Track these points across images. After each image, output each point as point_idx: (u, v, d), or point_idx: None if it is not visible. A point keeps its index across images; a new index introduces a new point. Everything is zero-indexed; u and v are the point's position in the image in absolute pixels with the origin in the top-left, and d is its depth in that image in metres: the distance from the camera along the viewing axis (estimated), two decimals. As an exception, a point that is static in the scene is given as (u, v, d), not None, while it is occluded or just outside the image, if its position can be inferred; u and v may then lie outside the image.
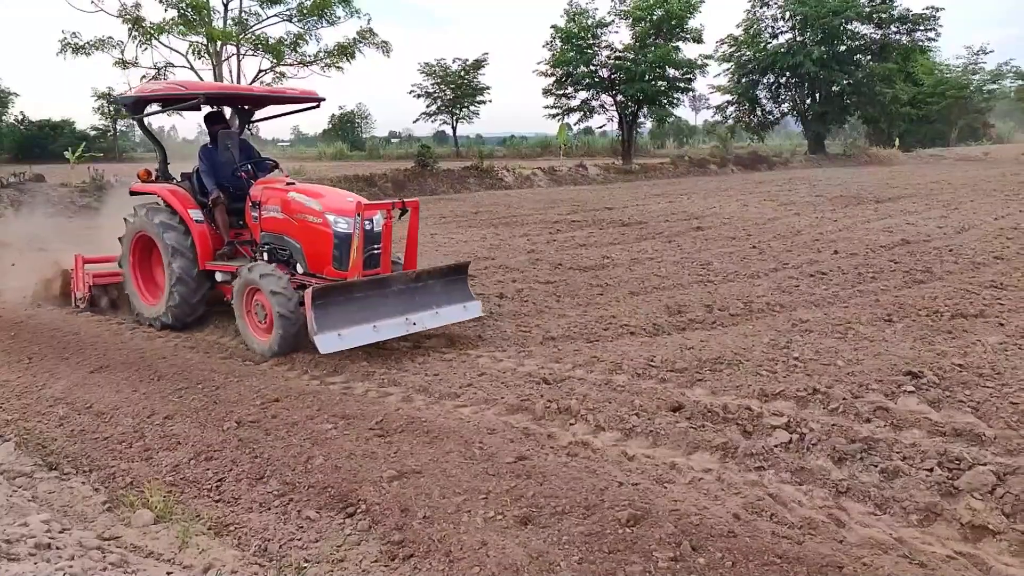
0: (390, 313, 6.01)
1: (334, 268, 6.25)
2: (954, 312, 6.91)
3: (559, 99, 37.82)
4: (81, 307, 8.17)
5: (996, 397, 4.67)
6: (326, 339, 5.59)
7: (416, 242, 6.70)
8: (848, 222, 14.19)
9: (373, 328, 5.85)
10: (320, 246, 6.32)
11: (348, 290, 5.86)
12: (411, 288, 6.27)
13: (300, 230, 6.43)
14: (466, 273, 6.81)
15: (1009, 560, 3.11)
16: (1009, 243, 10.90)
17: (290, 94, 7.61)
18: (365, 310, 5.89)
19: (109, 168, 23.91)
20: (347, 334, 5.70)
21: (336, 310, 5.72)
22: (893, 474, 3.77)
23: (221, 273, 7.01)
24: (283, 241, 6.63)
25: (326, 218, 6.23)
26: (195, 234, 7.00)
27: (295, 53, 23.92)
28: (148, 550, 3.25)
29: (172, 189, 7.30)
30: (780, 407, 4.65)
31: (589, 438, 4.38)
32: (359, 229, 5.98)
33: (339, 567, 3.13)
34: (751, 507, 3.44)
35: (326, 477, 3.86)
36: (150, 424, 4.76)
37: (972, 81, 50.77)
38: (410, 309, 6.15)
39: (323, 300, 5.67)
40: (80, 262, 8.09)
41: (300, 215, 6.40)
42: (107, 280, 8.25)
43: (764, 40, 43.32)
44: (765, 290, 8.18)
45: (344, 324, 5.72)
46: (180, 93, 7.16)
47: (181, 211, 7.07)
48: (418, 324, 6.12)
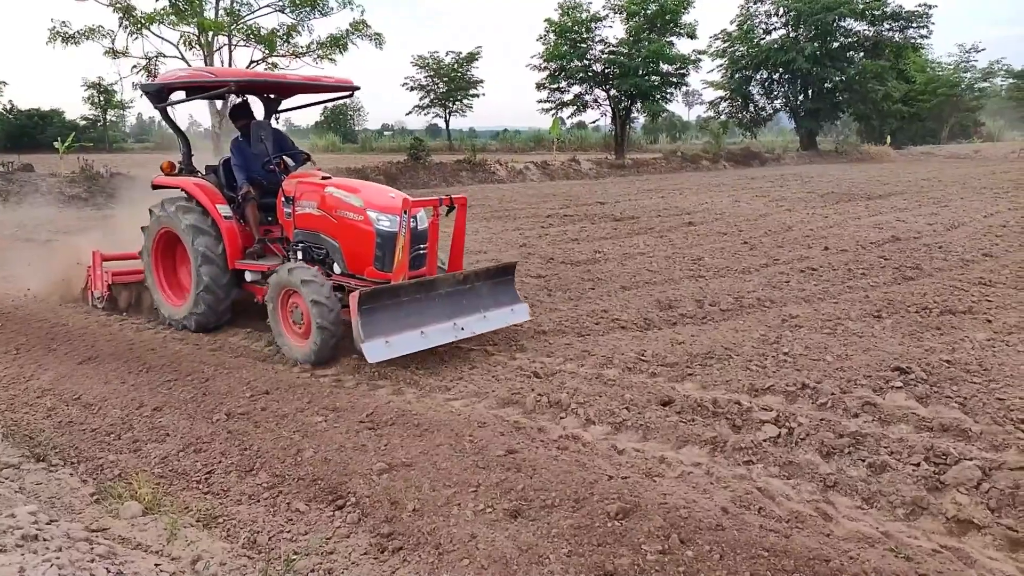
0: (438, 318, 5.65)
1: (376, 269, 5.83)
2: (943, 308, 6.96)
3: (552, 93, 37.74)
4: (99, 307, 7.72)
5: (983, 393, 4.71)
6: (373, 347, 5.22)
7: (463, 241, 6.34)
8: (839, 219, 14.25)
9: (421, 334, 5.48)
10: (360, 245, 5.90)
11: (395, 294, 5.47)
12: (458, 291, 5.91)
13: (338, 228, 6.01)
14: (513, 274, 6.43)
15: (994, 554, 3.14)
16: (998, 240, 10.97)
17: (326, 82, 7.11)
18: (412, 315, 5.52)
19: (99, 158, 23.75)
20: (395, 341, 5.33)
21: (383, 316, 5.35)
22: (880, 469, 3.80)
23: (251, 273, 6.63)
24: (319, 239, 6.21)
25: (367, 215, 5.80)
26: (224, 231, 6.60)
27: (287, 44, 23.81)
28: (136, 542, 3.24)
29: (198, 183, 6.86)
30: (769, 402, 4.68)
31: (579, 432, 4.39)
32: (405, 228, 5.54)
33: (328, 559, 3.12)
34: (739, 501, 3.46)
35: (316, 469, 3.85)
36: (139, 416, 4.74)
37: (963, 79, 51.01)
38: (457, 313, 5.80)
39: (370, 305, 5.29)
40: (98, 259, 7.63)
41: (339, 212, 5.98)
42: (127, 278, 7.79)
43: (757, 36, 43.34)
44: (756, 286, 8.20)
45: (391, 330, 5.35)
46: (209, 80, 6.72)
47: (209, 206, 6.66)
48: (466, 329, 5.76)
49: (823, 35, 41.03)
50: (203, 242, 6.55)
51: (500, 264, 6.41)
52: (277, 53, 23.48)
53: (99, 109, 49.42)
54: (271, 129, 6.93)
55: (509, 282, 6.34)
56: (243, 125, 6.95)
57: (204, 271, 6.52)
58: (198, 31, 22.38)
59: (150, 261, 7.20)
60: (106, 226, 12.72)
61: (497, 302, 6.13)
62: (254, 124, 6.26)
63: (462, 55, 49.88)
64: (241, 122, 7.01)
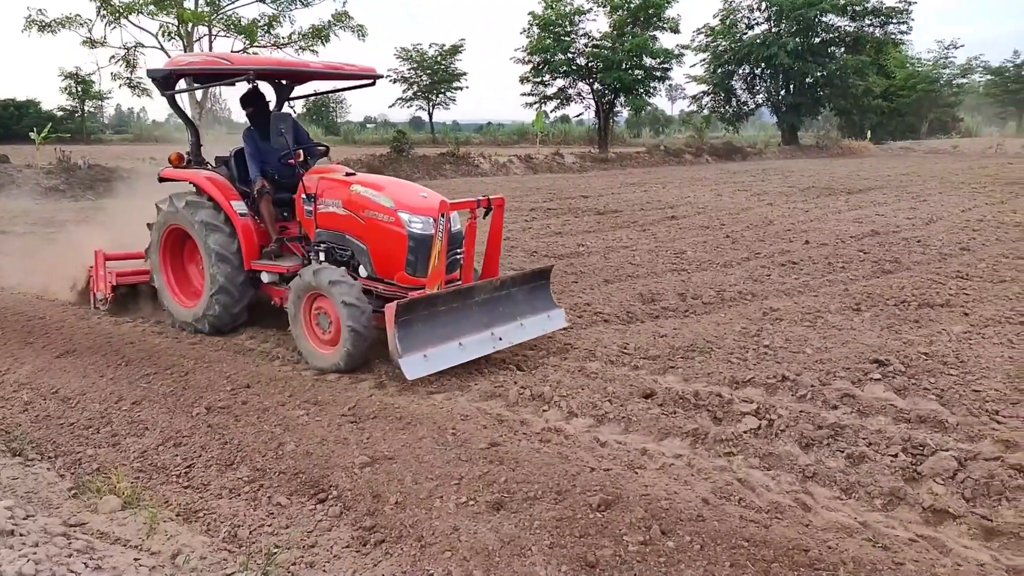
0: (475, 327, 5.32)
1: (407, 274, 5.47)
2: (921, 302, 7.05)
3: (536, 87, 37.72)
4: (102, 308, 7.21)
5: (959, 385, 4.78)
6: (412, 362, 4.85)
7: (499, 245, 5.97)
8: (819, 213, 14.37)
9: (459, 346, 5.15)
10: (390, 248, 5.51)
11: (432, 303, 5.10)
12: (495, 297, 5.56)
13: (366, 229, 5.62)
14: (549, 279, 6.10)
15: (968, 543, 3.19)
16: (975, 235, 11.12)
17: (348, 70, 6.64)
18: (449, 325, 5.17)
19: (77, 150, 23.39)
20: (433, 355, 4.98)
21: (420, 327, 4.99)
22: (859, 459, 3.84)
23: (268, 274, 6.24)
24: (344, 240, 5.81)
25: (399, 217, 5.42)
26: (239, 229, 6.18)
27: (268, 35, 23.61)
28: (115, 536, 3.21)
29: (211, 177, 6.43)
30: (750, 394, 4.72)
31: (562, 424, 4.40)
32: (443, 231, 5.15)
33: (310, 553, 3.12)
34: (720, 492, 3.49)
35: (297, 463, 3.84)
36: (117, 410, 4.70)
37: (942, 75, 51.55)
38: (495, 321, 5.46)
39: (406, 316, 4.90)
40: (101, 258, 7.13)
41: (366, 212, 5.59)
42: (133, 279, 7.31)
43: (740, 31, 43.49)
44: (737, 279, 8.26)
45: (428, 343, 5.00)
46: (225, 67, 6.15)
47: (223, 203, 6.23)
48: (504, 339, 5.42)
49: (805, 30, 41.27)
50: (217, 240, 6.16)
51: (536, 268, 6.12)
52: (258, 44, 23.24)
53: (77, 100, 48.64)
54: (291, 120, 6.52)
55: (545, 287, 6.02)
56: (254, 113, 6.58)
57: (218, 271, 6.14)
58: (178, 21, 22.10)
59: (158, 260, 6.78)
60: (93, 219, 12.55)
61: (533, 308, 5.81)
62: (274, 115, 5.77)
63: (445, 47, 49.66)
64: (253, 110, 6.60)
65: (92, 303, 7.32)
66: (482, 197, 5.65)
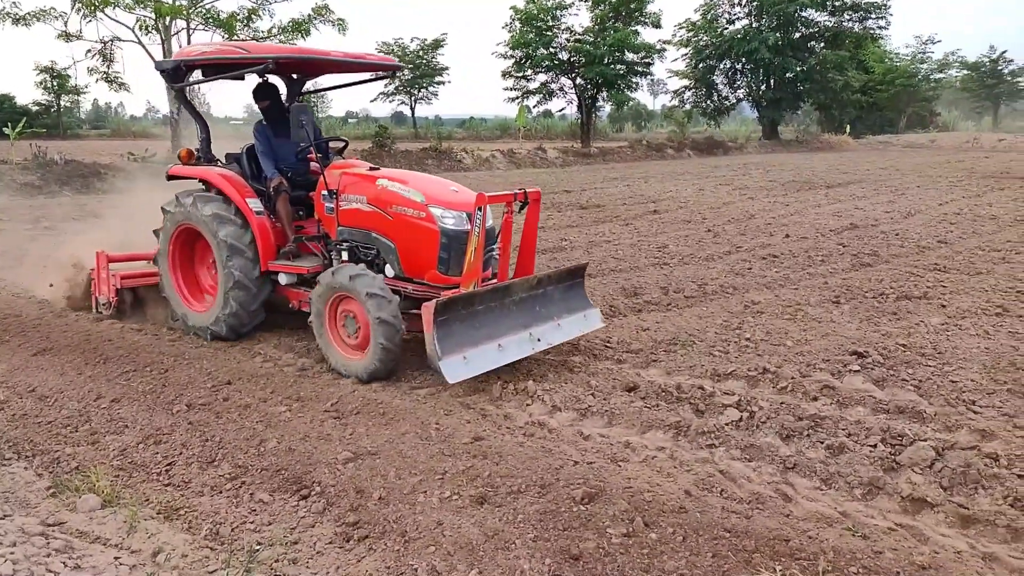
0: (513, 328, 5.08)
1: (439, 272, 5.23)
2: (899, 294, 7.13)
3: (518, 81, 37.65)
4: (105, 313, 6.77)
5: (937, 376, 4.85)
6: (452, 365, 4.59)
7: (535, 241, 5.70)
8: (799, 207, 14.49)
9: (498, 347, 4.90)
10: (421, 246, 5.25)
11: (470, 302, 4.87)
12: (532, 296, 5.33)
13: (394, 226, 5.35)
14: (584, 276, 5.89)
15: (946, 531, 3.24)
16: (952, 228, 11.27)
17: (369, 60, 6.29)
18: (487, 326, 4.94)
19: (53, 145, 23.04)
20: (472, 357, 4.74)
21: (459, 328, 4.75)
22: (838, 450, 3.89)
23: (287, 275, 5.92)
24: (369, 238, 5.53)
25: (430, 212, 5.17)
26: (256, 229, 5.85)
27: (248, 28, 23.35)
28: (95, 535, 3.18)
29: (224, 173, 6.11)
30: (731, 387, 4.75)
31: (545, 418, 4.41)
32: (480, 227, 4.89)
33: (293, 549, 3.10)
34: (702, 483, 3.51)
35: (279, 460, 3.81)
36: (96, 408, 4.64)
37: (920, 70, 52.08)
38: (532, 322, 5.23)
39: (445, 316, 4.66)
40: (104, 260, 6.69)
41: (394, 208, 5.32)
42: (138, 282, 6.90)
43: (721, 26, 43.70)
44: (719, 273, 8.31)
45: (467, 344, 4.76)
46: (242, 57, 5.78)
47: (238, 200, 5.90)
48: (543, 340, 5.18)
49: (785, 25, 41.54)
50: (229, 232, 5.81)
51: (572, 266, 5.84)
52: (237, 38, 22.99)
53: (52, 94, 47.90)
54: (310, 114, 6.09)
55: (580, 285, 5.79)
56: (269, 107, 6.29)
57: (233, 265, 5.78)
58: (155, 15, 21.82)
59: (167, 263, 6.40)
60: (71, 216, 12.34)
61: (569, 308, 5.57)
62: (295, 107, 5.54)
63: (427, 42, 49.44)
64: (266, 103, 6.29)
65: (94, 307, 6.91)
66: (518, 190, 5.36)
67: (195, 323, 6.24)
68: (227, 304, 5.90)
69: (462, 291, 4.90)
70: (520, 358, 5.03)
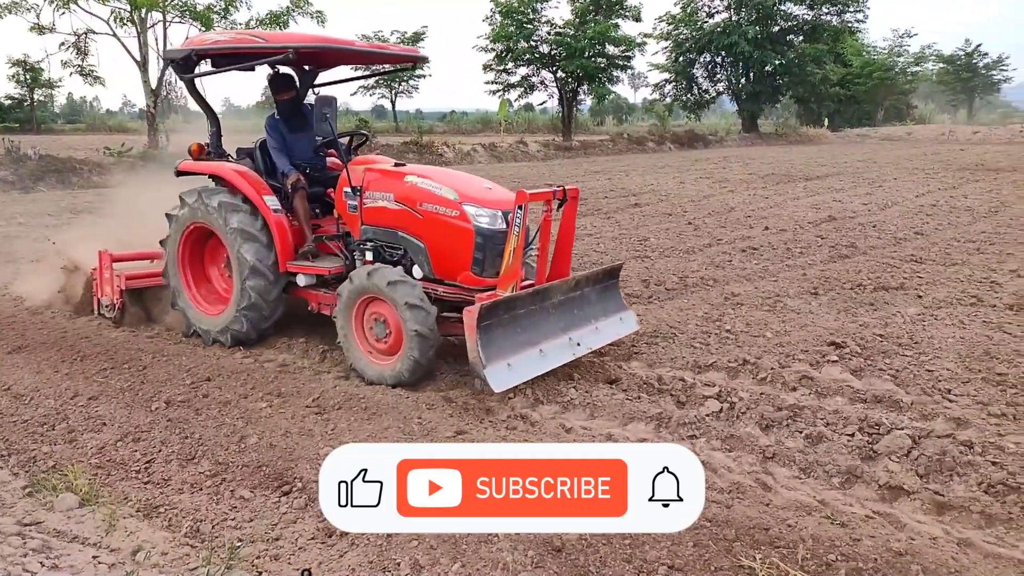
0: (552, 332, 4.87)
1: (473, 274, 4.97)
2: (876, 285, 7.22)
3: (499, 75, 37.59)
4: (109, 316, 6.42)
5: (914, 365, 4.91)
6: (497, 372, 4.37)
7: (572, 242, 5.44)
8: (779, 199, 14.60)
9: (540, 353, 4.70)
10: (453, 246, 4.99)
11: (512, 306, 4.64)
12: (569, 299, 5.13)
13: (424, 225, 5.08)
14: (619, 277, 5.73)
15: (922, 518, 3.30)
16: (928, 219, 11.41)
17: (392, 50, 5.96)
18: (528, 330, 4.72)
19: (26, 140, 22.68)
20: (516, 363, 4.52)
21: (500, 333, 4.52)
22: (817, 440, 3.93)
23: (306, 276, 5.62)
24: (396, 238, 5.25)
25: (464, 211, 4.91)
26: (274, 228, 5.56)
27: (225, 20, 23.07)
28: (72, 534, 3.14)
29: (239, 170, 5.78)
30: (712, 378, 4.79)
31: (528, 411, 4.42)
32: (520, 226, 4.66)
33: (274, 546, 3.08)
34: (683, 474, 3.53)
35: (260, 456, 3.79)
36: (73, 406, 4.58)
37: (897, 63, 52.61)
38: (571, 326, 5.03)
39: (488, 321, 4.43)
40: (108, 260, 6.30)
41: (424, 205, 5.06)
42: (146, 282, 6.50)
43: (701, 19, 43.84)
44: (700, 265, 8.36)
45: (510, 350, 4.55)
46: (260, 47, 5.51)
47: (255, 198, 5.62)
48: (582, 344, 4.98)
49: (764, 18, 41.75)
50: (252, 250, 5.49)
51: (608, 266, 5.71)
52: (214, 30, 22.71)
53: (25, 88, 47.08)
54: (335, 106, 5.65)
55: (615, 287, 5.61)
56: (287, 100, 6.02)
57: (251, 285, 5.49)
58: (131, 7, 21.49)
59: (176, 263, 6.06)
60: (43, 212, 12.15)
61: (606, 310, 5.39)
62: (318, 99, 5.23)
63: (407, 35, 49.16)
64: (290, 94, 6.04)
65: (96, 310, 6.54)
66: (558, 187, 5.12)
67: (200, 324, 5.92)
68: (238, 321, 5.61)
69: (500, 293, 4.65)
70: (561, 364, 4.81)
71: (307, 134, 5.88)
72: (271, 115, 6.05)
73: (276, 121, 5.96)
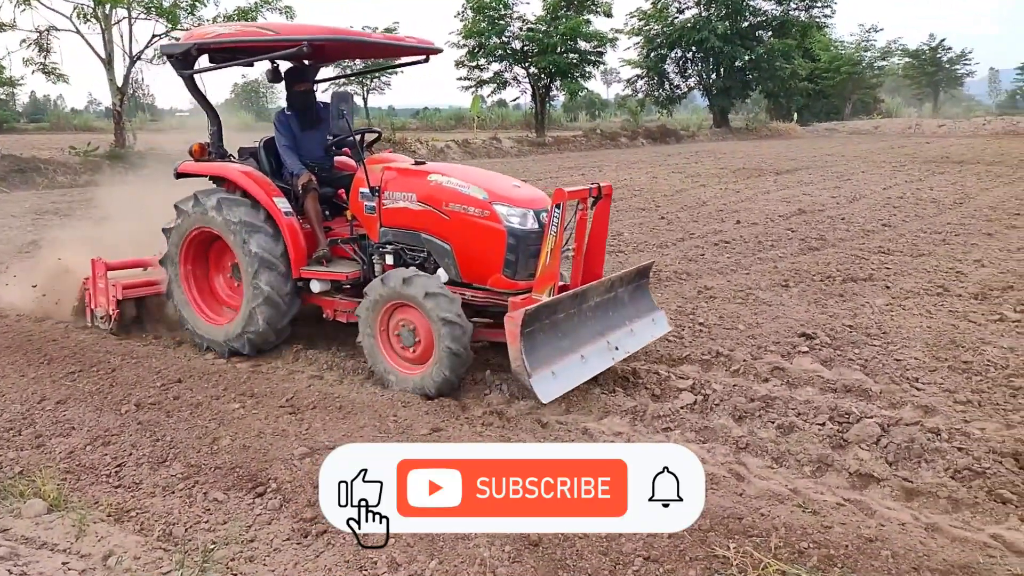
0: (591, 336, 4.67)
1: (505, 277, 4.74)
2: (845, 276, 7.34)
3: (472, 71, 37.44)
4: (104, 327, 6.05)
5: (882, 355, 5.01)
6: (543, 381, 4.17)
7: (605, 241, 5.18)
8: (750, 193, 14.76)
9: (581, 359, 4.50)
10: (483, 248, 4.76)
11: (553, 310, 4.44)
12: (604, 301, 4.93)
13: (451, 226, 4.83)
14: (649, 277, 5.55)
15: (891, 504, 3.36)
16: (895, 211, 11.62)
17: (410, 43, 5.70)
18: (568, 335, 4.53)
19: (-13, 140, 22.18)
20: (560, 371, 4.31)
21: (542, 339, 4.32)
22: (788, 429, 3.99)
23: (321, 282, 5.34)
24: (419, 240, 5.02)
25: (495, 211, 4.68)
26: (286, 231, 5.26)
27: (192, 17, 22.68)
28: (41, 541, 3.09)
29: (246, 170, 5.50)
30: (686, 371, 4.84)
31: (503, 408, 4.43)
32: (558, 225, 4.44)
33: (249, 547, 3.05)
34: (658, 467, 3.56)
35: (234, 457, 3.75)
36: (40, 410, 4.49)
37: (864, 58, 53.41)
38: (607, 329, 4.83)
39: (531, 327, 4.21)
40: (102, 268, 5.94)
41: (451, 206, 4.81)
42: (143, 291, 6.15)
43: (671, 15, 44.13)
44: (673, 259, 8.43)
45: (553, 357, 4.34)
46: (270, 39, 5.14)
47: (265, 201, 5.31)
48: (620, 348, 4.77)
49: (733, 14, 42.16)
50: (259, 242, 5.20)
51: (640, 266, 5.46)
52: (180, 27, 22.35)
53: (-16, 87, 45.97)
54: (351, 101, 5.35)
55: (646, 287, 5.43)
56: (302, 92, 5.69)
57: (263, 278, 5.18)
58: (94, 3, 21.06)
59: (178, 271, 5.71)
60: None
61: (638, 312, 5.18)
62: (335, 94, 4.94)
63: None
64: (301, 86, 5.68)
65: (89, 321, 6.20)
66: (593, 184, 4.86)
67: (208, 335, 5.61)
68: (253, 320, 5.29)
69: (536, 297, 4.44)
70: (602, 370, 4.62)
71: (318, 132, 5.66)
72: (281, 110, 5.73)
73: (287, 116, 5.61)
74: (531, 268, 4.66)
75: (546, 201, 4.78)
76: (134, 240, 6.55)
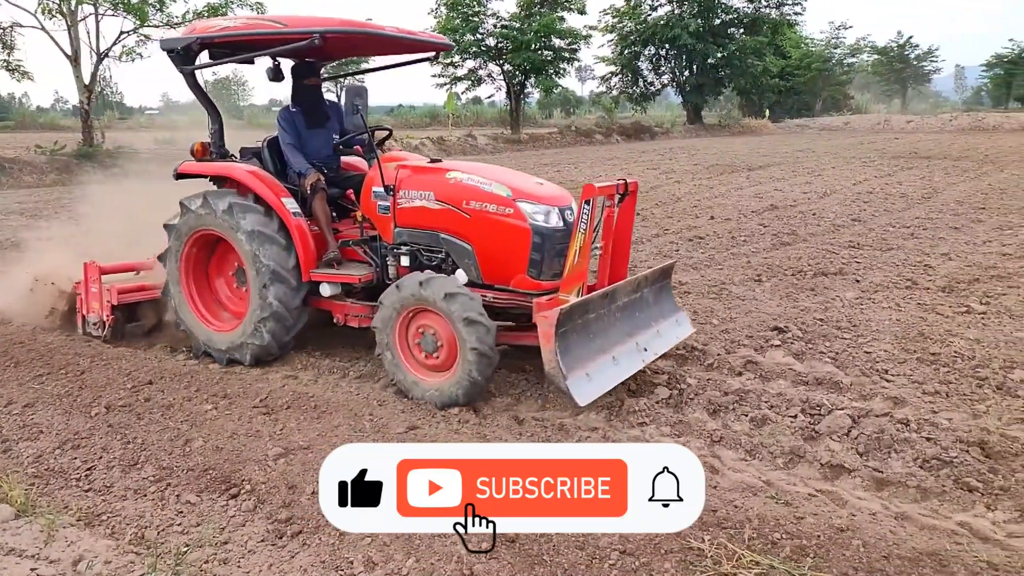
0: (620, 337, 4.53)
1: (529, 277, 4.58)
2: (816, 271, 7.43)
3: (446, 68, 37.32)
4: (97, 334, 5.78)
5: (852, 348, 5.08)
6: (579, 384, 4.00)
7: (630, 240, 5.04)
8: (723, 189, 14.89)
9: (612, 360, 4.34)
10: (506, 247, 4.59)
11: (584, 311, 4.27)
12: (631, 302, 4.79)
13: (472, 225, 4.65)
14: (671, 277, 5.44)
15: (862, 494, 3.41)
16: (865, 206, 11.79)
17: (424, 37, 5.46)
18: (599, 337, 4.37)
19: (-51, 138, 21.65)
20: (594, 373, 4.15)
21: (575, 340, 4.16)
22: (762, 422, 4.04)
23: (331, 285, 5.13)
24: (437, 240, 4.83)
25: (519, 208, 4.51)
26: (295, 232, 5.04)
27: (160, 13, 22.32)
28: (9, 547, 3.03)
29: (252, 170, 5.26)
30: (661, 365, 4.87)
31: (479, 404, 4.42)
32: (587, 223, 4.28)
33: (223, 549, 3.02)
34: (634, 461, 3.58)
35: (207, 459, 3.71)
36: (7, 414, 4.40)
37: (834, 55, 54.13)
38: (635, 330, 4.68)
39: (565, 327, 4.04)
40: (95, 272, 5.70)
41: (472, 204, 4.63)
42: (138, 296, 5.92)
43: (644, 12, 44.33)
44: (648, 255, 8.48)
45: (587, 359, 4.19)
46: (280, 31, 4.88)
47: (273, 201, 5.07)
48: (648, 350, 4.63)
49: (705, 11, 42.47)
50: (271, 254, 4.98)
51: (663, 265, 5.34)
52: (149, 24, 21.99)
53: (-51, 84, 44.88)
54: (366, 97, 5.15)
55: (669, 287, 5.32)
56: (311, 87, 5.47)
57: (273, 292, 4.98)
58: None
59: (178, 274, 5.47)
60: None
61: (663, 312, 5.06)
62: (349, 89, 4.71)
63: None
64: (311, 81, 5.46)
65: (81, 328, 5.92)
66: (619, 180, 4.69)
67: (208, 342, 5.39)
68: (258, 333, 5.10)
69: (563, 297, 4.29)
70: (633, 373, 4.49)
71: (324, 130, 5.48)
72: (285, 107, 5.49)
73: (292, 114, 5.38)
74: (556, 268, 4.53)
75: (570, 199, 4.70)
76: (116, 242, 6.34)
